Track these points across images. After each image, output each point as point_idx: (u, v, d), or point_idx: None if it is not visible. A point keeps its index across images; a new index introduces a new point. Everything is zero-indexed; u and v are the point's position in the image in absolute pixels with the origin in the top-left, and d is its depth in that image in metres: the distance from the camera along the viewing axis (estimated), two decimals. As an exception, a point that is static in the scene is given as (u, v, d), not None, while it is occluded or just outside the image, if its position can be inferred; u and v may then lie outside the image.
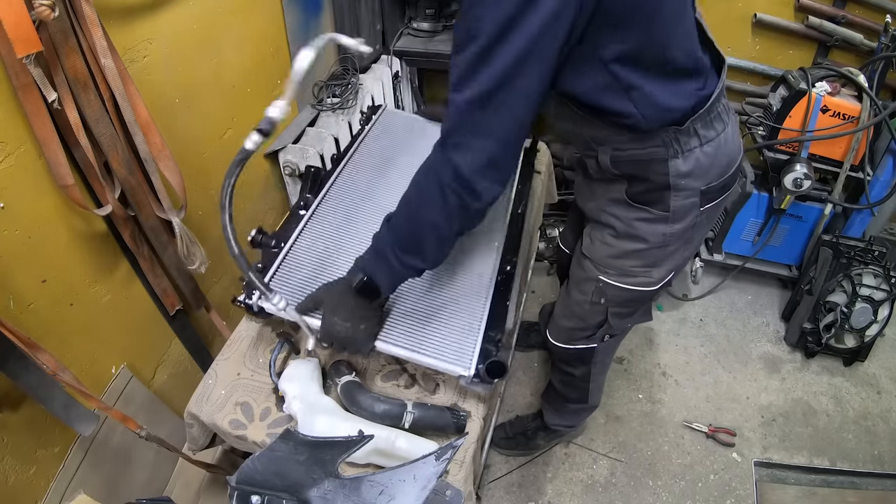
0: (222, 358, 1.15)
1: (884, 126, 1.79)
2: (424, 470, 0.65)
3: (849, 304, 1.97)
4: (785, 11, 2.04)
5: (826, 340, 2.02)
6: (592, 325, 1.24)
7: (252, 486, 0.67)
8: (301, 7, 1.70)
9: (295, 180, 1.78)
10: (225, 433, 1.05)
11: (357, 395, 1.00)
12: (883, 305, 1.96)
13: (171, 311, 1.40)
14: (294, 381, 1.02)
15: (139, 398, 1.37)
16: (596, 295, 1.15)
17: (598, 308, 1.18)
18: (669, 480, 1.75)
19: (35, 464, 1.11)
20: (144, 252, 1.25)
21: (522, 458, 1.78)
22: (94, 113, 1.03)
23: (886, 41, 1.84)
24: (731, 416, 1.94)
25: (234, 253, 0.83)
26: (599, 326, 1.23)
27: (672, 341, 2.18)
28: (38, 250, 1.05)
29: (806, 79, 1.82)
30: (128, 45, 1.13)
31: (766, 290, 2.40)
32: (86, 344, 1.20)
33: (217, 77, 1.40)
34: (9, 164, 0.95)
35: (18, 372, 0.95)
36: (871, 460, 1.84)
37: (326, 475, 0.68)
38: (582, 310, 1.21)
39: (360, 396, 1.00)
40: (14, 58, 0.85)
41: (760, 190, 2.07)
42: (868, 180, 1.91)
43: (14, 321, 0.96)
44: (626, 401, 1.96)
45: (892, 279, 1.93)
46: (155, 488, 1.47)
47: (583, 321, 1.24)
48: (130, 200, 1.17)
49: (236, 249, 0.83)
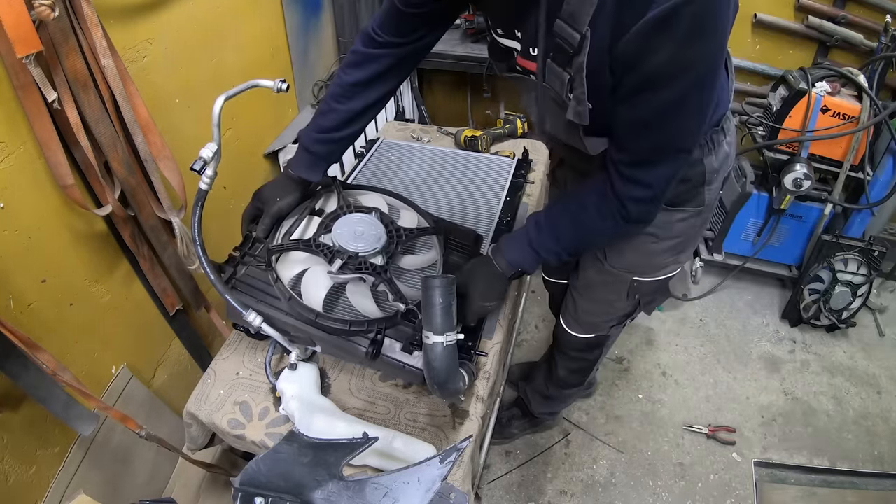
0: (221, 358, 1.15)
1: (884, 126, 1.79)
2: (429, 472, 0.65)
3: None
4: (785, 11, 2.04)
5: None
6: (621, 316, 1.26)
7: (256, 488, 0.67)
8: (301, 7, 1.69)
9: (295, 179, 1.78)
10: (224, 433, 1.05)
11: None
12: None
13: (171, 311, 1.40)
14: (292, 381, 1.02)
15: (139, 398, 1.37)
16: (631, 293, 1.17)
17: (630, 302, 1.20)
18: (669, 480, 1.75)
19: (35, 464, 1.11)
20: (144, 252, 1.25)
21: (522, 457, 1.78)
22: (94, 113, 1.03)
23: (886, 41, 1.85)
24: (731, 416, 1.94)
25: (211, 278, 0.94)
26: (628, 315, 1.26)
27: (672, 341, 2.18)
28: (38, 250, 1.04)
29: (806, 79, 1.82)
30: (128, 45, 1.12)
31: (766, 290, 2.40)
32: (86, 344, 1.20)
33: (217, 77, 1.40)
34: (9, 164, 0.95)
35: (18, 372, 0.95)
36: (871, 460, 1.84)
37: (330, 477, 0.68)
38: (612, 307, 1.23)
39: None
40: (14, 58, 0.85)
41: (760, 190, 2.07)
42: (868, 180, 1.91)
43: (14, 321, 0.96)
44: (626, 401, 1.96)
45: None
46: (155, 488, 1.47)
47: (612, 314, 1.26)
48: (130, 200, 1.16)
49: (212, 276, 0.94)
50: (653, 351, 2.13)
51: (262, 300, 1.00)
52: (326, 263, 1.03)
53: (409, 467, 0.66)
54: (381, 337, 0.97)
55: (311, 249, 1.05)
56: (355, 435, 0.80)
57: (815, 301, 2.14)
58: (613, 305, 1.22)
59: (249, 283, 1.02)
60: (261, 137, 1.72)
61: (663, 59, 0.66)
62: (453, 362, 0.86)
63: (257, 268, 1.05)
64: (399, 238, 1.12)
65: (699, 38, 0.64)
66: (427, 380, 0.89)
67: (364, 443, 0.67)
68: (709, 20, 0.63)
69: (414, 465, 0.66)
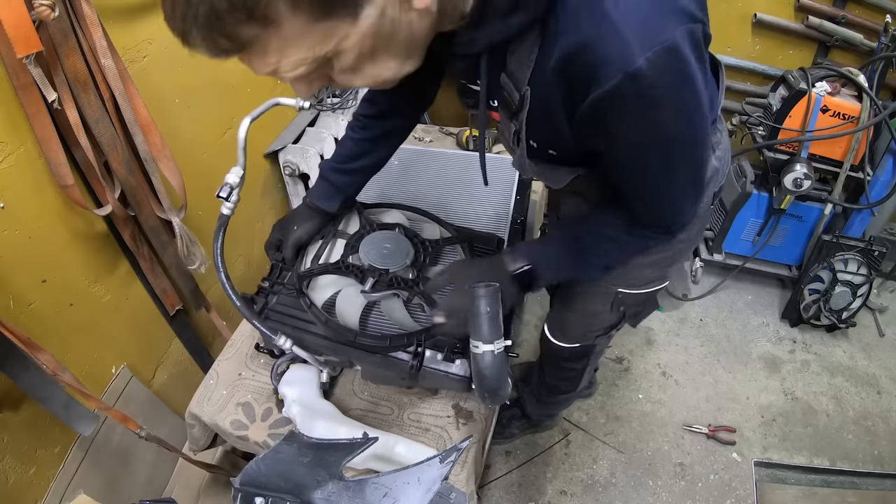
0: (224, 358, 1.15)
1: (884, 126, 1.79)
2: (429, 472, 0.65)
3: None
4: (785, 11, 2.04)
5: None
6: (606, 327, 1.24)
7: (256, 488, 0.67)
8: (301, 6, 1.69)
9: (295, 180, 1.78)
10: (226, 433, 1.05)
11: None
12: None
13: (171, 311, 1.40)
14: (294, 384, 1.02)
15: (139, 398, 1.37)
16: (615, 305, 1.16)
17: (615, 314, 1.19)
18: (669, 480, 1.75)
19: (35, 464, 1.11)
20: (144, 252, 1.25)
21: (522, 457, 1.78)
22: (94, 113, 1.03)
23: (886, 41, 1.84)
24: (731, 416, 1.94)
25: (236, 304, 0.93)
26: (613, 326, 1.25)
27: (672, 341, 2.18)
28: (38, 250, 1.04)
29: (806, 79, 1.82)
30: (128, 45, 1.12)
31: (766, 290, 2.40)
32: (86, 344, 1.20)
33: (217, 77, 1.40)
34: (9, 164, 0.95)
35: (18, 372, 0.95)
36: (871, 460, 1.84)
37: (330, 477, 0.68)
38: (597, 319, 1.22)
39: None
40: (14, 58, 0.85)
41: (760, 190, 2.07)
42: (868, 180, 1.91)
43: (14, 321, 0.96)
44: (626, 401, 1.96)
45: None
46: (155, 488, 1.47)
47: (597, 325, 1.24)
48: (130, 200, 1.16)
49: (237, 302, 0.93)
50: (653, 351, 2.13)
51: (296, 326, 1.01)
52: (357, 283, 1.04)
53: (409, 467, 0.66)
54: (422, 349, 0.98)
55: (341, 271, 1.06)
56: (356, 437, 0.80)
57: (815, 301, 2.14)
58: (598, 317, 1.20)
59: (281, 311, 1.04)
60: (261, 137, 1.72)
61: (628, 134, 0.64)
62: (504, 369, 0.86)
63: (287, 295, 1.06)
64: (426, 251, 1.13)
65: (658, 109, 0.60)
66: (477, 388, 0.88)
67: (364, 443, 0.67)
68: (663, 90, 0.58)
69: (414, 464, 0.66)
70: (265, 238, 1.12)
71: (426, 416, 1.06)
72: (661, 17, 0.56)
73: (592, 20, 0.55)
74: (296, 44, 0.51)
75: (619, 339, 2.15)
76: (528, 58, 0.64)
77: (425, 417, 1.05)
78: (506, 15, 0.59)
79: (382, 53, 0.57)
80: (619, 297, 1.13)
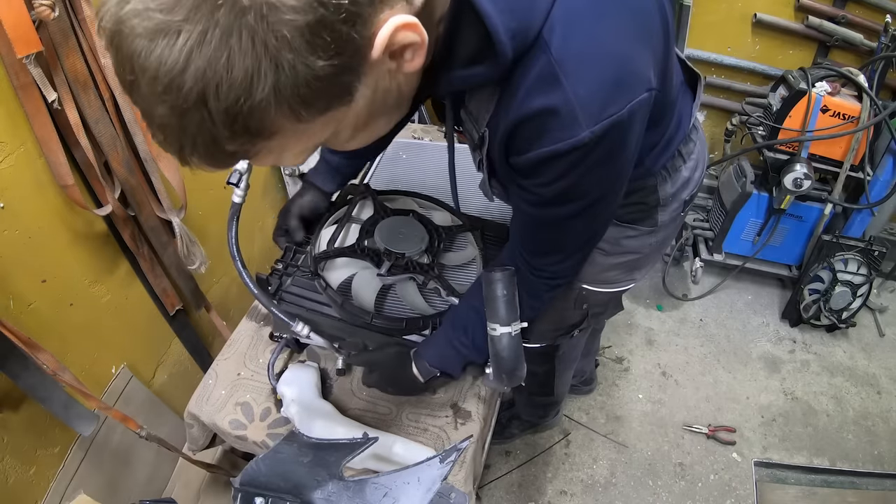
0: (222, 358, 1.15)
1: (884, 126, 1.79)
2: (429, 472, 0.65)
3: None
4: (785, 11, 2.04)
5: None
6: (568, 326, 1.22)
7: (256, 488, 0.67)
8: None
9: (295, 180, 1.78)
10: (225, 433, 1.05)
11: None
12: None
13: (171, 311, 1.40)
14: (292, 384, 1.02)
15: (139, 398, 1.37)
16: (578, 302, 1.14)
17: (578, 312, 1.17)
18: (669, 480, 1.75)
19: (35, 464, 1.11)
20: (144, 252, 1.25)
21: (522, 457, 1.78)
22: (94, 113, 1.03)
23: (886, 41, 1.84)
24: (731, 416, 1.94)
25: (254, 292, 0.94)
26: (575, 326, 1.22)
27: (672, 341, 2.18)
28: (38, 250, 1.04)
29: (806, 79, 1.82)
30: (128, 45, 1.12)
31: (766, 290, 2.40)
32: (86, 344, 1.20)
33: (217, 76, 1.40)
34: (9, 164, 0.95)
35: (18, 372, 0.95)
36: (871, 460, 1.84)
37: (330, 477, 0.68)
38: (560, 315, 1.19)
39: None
40: (14, 58, 0.85)
41: (760, 190, 2.06)
42: (868, 180, 1.91)
43: (14, 321, 0.95)
44: (626, 401, 1.96)
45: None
46: (155, 488, 1.47)
47: (560, 322, 1.22)
48: (130, 200, 1.16)
49: (255, 290, 0.94)
50: (653, 351, 2.14)
51: (311, 308, 1.03)
52: (372, 267, 1.06)
53: (409, 467, 0.66)
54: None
55: (356, 255, 1.07)
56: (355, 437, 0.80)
57: (815, 301, 2.14)
58: (560, 313, 1.18)
59: (296, 293, 1.06)
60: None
61: (554, 186, 0.67)
62: (520, 350, 0.89)
63: (302, 277, 1.08)
64: (440, 237, 1.15)
65: (588, 171, 0.64)
66: (494, 369, 0.91)
67: (364, 443, 0.68)
68: (598, 156, 0.62)
69: (414, 464, 0.66)
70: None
71: (424, 415, 1.06)
72: (615, 92, 0.58)
73: (549, 91, 0.57)
74: (297, 140, 0.52)
75: (619, 339, 2.16)
76: (486, 105, 0.67)
77: (424, 417, 1.06)
78: (466, 65, 0.60)
79: (376, 119, 0.58)
80: (583, 293, 1.11)
